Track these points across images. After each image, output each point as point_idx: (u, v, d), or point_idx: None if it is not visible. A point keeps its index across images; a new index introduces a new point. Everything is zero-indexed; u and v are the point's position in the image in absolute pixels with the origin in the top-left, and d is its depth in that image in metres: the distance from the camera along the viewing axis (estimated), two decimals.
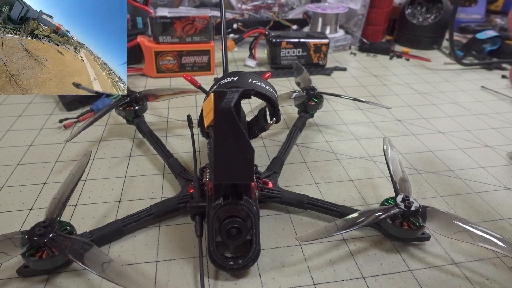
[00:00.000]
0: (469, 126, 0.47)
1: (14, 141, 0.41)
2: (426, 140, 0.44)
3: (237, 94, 0.25)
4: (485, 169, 0.39)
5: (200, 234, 0.27)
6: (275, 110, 0.29)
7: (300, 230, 0.31)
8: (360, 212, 0.28)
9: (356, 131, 0.45)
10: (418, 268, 0.27)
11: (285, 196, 0.32)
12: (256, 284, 0.26)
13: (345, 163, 0.39)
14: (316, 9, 0.70)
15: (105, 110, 0.40)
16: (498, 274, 0.27)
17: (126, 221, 0.29)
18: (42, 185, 0.35)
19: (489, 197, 0.35)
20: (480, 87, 0.58)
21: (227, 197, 0.25)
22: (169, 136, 0.43)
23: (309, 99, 0.44)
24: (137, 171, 0.37)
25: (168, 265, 0.27)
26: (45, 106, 0.49)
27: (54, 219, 0.26)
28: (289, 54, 0.62)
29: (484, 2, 0.87)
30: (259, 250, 0.26)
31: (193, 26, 0.56)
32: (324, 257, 0.28)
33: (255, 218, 0.25)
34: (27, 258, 0.25)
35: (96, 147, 0.41)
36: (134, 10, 0.61)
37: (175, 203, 0.31)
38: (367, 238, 0.30)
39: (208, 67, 0.59)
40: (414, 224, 0.28)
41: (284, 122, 0.47)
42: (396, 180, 0.31)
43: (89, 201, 0.33)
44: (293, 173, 0.37)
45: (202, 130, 0.32)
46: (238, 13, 0.77)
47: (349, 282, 0.26)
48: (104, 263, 0.24)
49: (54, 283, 0.26)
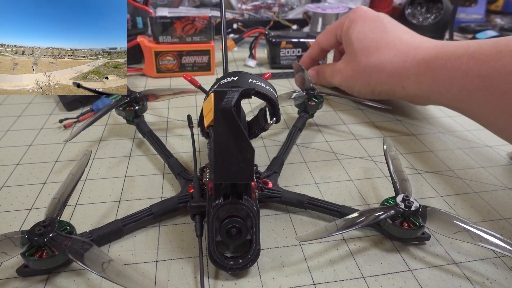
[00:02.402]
0: (469, 126, 0.47)
1: (14, 141, 0.41)
2: (426, 140, 0.44)
3: (237, 93, 0.25)
4: (485, 169, 0.39)
5: (200, 234, 0.27)
6: (275, 110, 0.29)
7: (300, 230, 0.31)
8: (360, 212, 0.28)
9: (356, 131, 0.45)
10: (418, 268, 0.27)
11: (285, 196, 0.32)
12: (256, 283, 0.26)
13: (345, 163, 0.39)
14: (316, 9, 0.70)
15: (105, 110, 0.40)
16: (498, 274, 0.27)
17: (126, 221, 0.29)
18: (42, 185, 0.35)
19: (489, 197, 0.35)
20: None
21: (227, 197, 0.25)
22: (169, 136, 0.43)
23: (309, 99, 0.44)
24: (137, 171, 0.37)
25: (168, 264, 0.27)
26: (45, 106, 0.49)
27: (54, 218, 0.26)
28: (288, 54, 0.62)
29: (484, 2, 0.87)
30: (259, 249, 0.26)
31: (193, 26, 0.56)
32: (324, 256, 0.28)
33: (255, 217, 0.25)
34: (27, 258, 0.25)
35: (96, 147, 0.41)
36: (134, 10, 0.61)
37: (175, 203, 0.31)
38: (367, 238, 0.30)
39: (208, 67, 0.59)
40: (414, 224, 0.28)
41: (284, 122, 0.47)
42: (396, 180, 0.31)
43: (89, 201, 0.33)
44: (293, 173, 0.37)
45: (202, 130, 0.32)
46: (238, 13, 0.77)
47: (349, 282, 0.26)
48: (104, 262, 0.24)
49: (54, 282, 0.26)
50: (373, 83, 0.45)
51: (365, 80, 0.46)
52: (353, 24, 0.47)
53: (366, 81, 0.46)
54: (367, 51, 0.45)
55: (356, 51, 0.46)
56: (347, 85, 0.49)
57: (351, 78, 0.48)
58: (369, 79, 0.45)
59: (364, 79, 0.46)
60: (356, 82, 0.47)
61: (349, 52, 0.48)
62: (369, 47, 0.45)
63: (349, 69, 0.48)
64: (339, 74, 0.49)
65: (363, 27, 0.46)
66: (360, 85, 0.47)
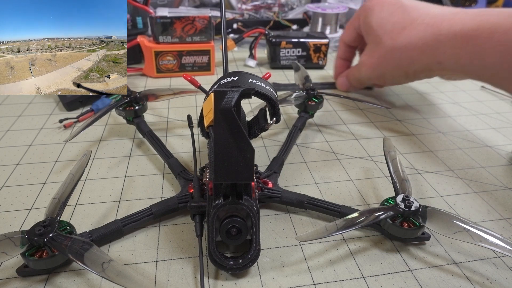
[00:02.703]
0: (469, 126, 0.47)
1: (14, 141, 0.41)
2: (426, 140, 0.44)
3: (237, 93, 0.25)
4: (485, 169, 0.39)
5: (200, 234, 0.27)
6: (275, 110, 0.29)
7: (300, 230, 0.31)
8: (360, 212, 0.28)
9: (356, 131, 0.45)
10: (418, 268, 0.27)
11: (285, 196, 0.32)
12: (256, 284, 0.26)
13: (345, 163, 0.39)
14: (316, 9, 0.70)
15: (105, 110, 0.40)
16: (498, 274, 0.27)
17: (126, 221, 0.29)
18: (42, 185, 0.35)
19: (489, 197, 0.35)
20: (480, 87, 0.58)
21: (227, 197, 0.25)
22: (169, 136, 0.43)
23: (309, 99, 0.44)
24: (137, 171, 0.37)
25: (168, 264, 0.27)
26: (45, 106, 0.49)
27: (54, 218, 0.26)
28: (288, 54, 0.62)
29: (484, 2, 0.87)
30: (259, 249, 0.26)
31: (193, 26, 0.56)
32: (324, 256, 0.28)
33: (255, 217, 0.25)
34: (27, 258, 0.25)
35: (96, 147, 0.41)
36: (134, 10, 0.61)
37: (175, 203, 0.31)
38: (367, 238, 0.30)
39: (208, 67, 0.59)
40: (414, 224, 0.28)
41: (284, 122, 0.47)
42: (396, 180, 0.31)
43: (89, 201, 0.33)
44: (293, 173, 0.37)
45: (202, 130, 0.32)
46: (238, 13, 0.77)
47: (349, 282, 0.26)
48: (104, 262, 0.24)
49: (54, 282, 0.26)
50: (404, 64, 0.42)
51: (395, 63, 0.43)
52: (370, 12, 0.45)
53: (397, 64, 0.43)
54: (392, 33, 0.42)
55: (380, 36, 0.43)
56: (376, 75, 0.46)
57: (379, 66, 0.45)
58: (399, 61, 0.42)
59: (394, 62, 0.43)
60: (385, 68, 0.44)
61: (371, 41, 0.45)
62: (392, 30, 0.43)
63: (375, 57, 0.45)
64: (365, 66, 0.47)
65: (381, 13, 0.44)
66: (392, 70, 0.44)
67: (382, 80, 0.46)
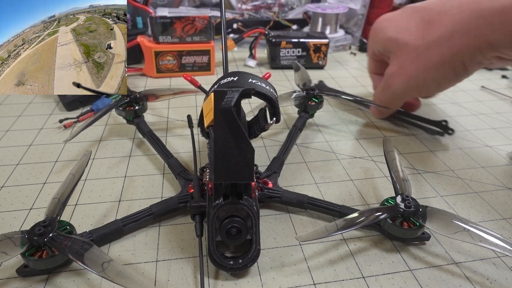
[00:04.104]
0: (469, 126, 0.47)
1: (14, 141, 0.41)
2: (426, 140, 0.44)
3: (237, 93, 0.25)
4: (485, 169, 0.39)
5: (200, 234, 0.27)
6: (275, 110, 0.29)
7: (300, 229, 0.31)
8: (360, 212, 0.28)
9: (356, 131, 0.45)
10: (418, 268, 0.27)
11: (285, 196, 0.32)
12: (256, 284, 0.26)
13: (345, 163, 0.39)
14: (316, 9, 0.70)
15: (105, 110, 0.40)
16: (498, 274, 0.27)
17: (126, 221, 0.29)
18: (42, 185, 0.35)
19: (489, 197, 0.35)
20: (480, 87, 0.58)
21: (227, 197, 0.25)
22: (169, 136, 0.43)
23: (309, 99, 0.44)
24: (137, 171, 0.37)
25: (168, 264, 0.27)
26: (45, 106, 0.49)
27: (54, 218, 0.26)
28: (288, 54, 0.62)
29: None
30: (259, 249, 0.26)
31: (193, 26, 0.56)
32: (324, 256, 0.28)
33: (255, 217, 0.25)
34: (27, 258, 0.25)
35: (96, 147, 0.41)
36: (134, 10, 0.61)
37: (175, 203, 0.31)
38: (367, 238, 0.30)
39: (208, 67, 0.59)
40: (414, 224, 0.28)
41: (284, 122, 0.47)
42: (396, 180, 0.31)
43: (89, 201, 0.33)
44: (293, 173, 0.37)
45: (202, 130, 0.32)
46: (238, 13, 0.77)
47: (349, 282, 0.26)
48: (104, 262, 0.24)
49: (54, 282, 0.26)
50: (447, 57, 0.35)
51: (435, 60, 0.36)
52: (382, 28, 0.40)
53: (438, 61, 0.35)
54: (418, 32, 0.36)
55: (405, 40, 0.37)
56: (415, 83, 0.38)
57: (415, 71, 0.37)
58: (439, 56, 0.35)
59: (434, 59, 0.36)
60: (425, 72, 0.37)
61: (395, 50, 0.39)
62: (417, 29, 0.37)
63: (407, 64, 0.38)
64: (397, 77, 0.39)
65: (396, 22, 0.39)
66: (434, 71, 0.36)
67: (423, 88, 0.39)
